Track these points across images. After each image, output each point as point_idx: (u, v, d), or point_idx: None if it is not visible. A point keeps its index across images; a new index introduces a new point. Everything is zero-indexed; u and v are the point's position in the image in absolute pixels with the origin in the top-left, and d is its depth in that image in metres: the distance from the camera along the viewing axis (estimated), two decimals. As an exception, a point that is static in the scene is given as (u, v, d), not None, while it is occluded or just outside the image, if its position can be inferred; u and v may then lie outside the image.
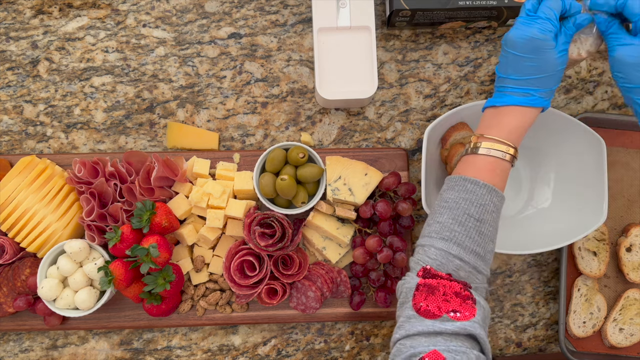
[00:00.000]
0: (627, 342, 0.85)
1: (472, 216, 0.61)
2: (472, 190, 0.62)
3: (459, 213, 0.61)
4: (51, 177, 0.82)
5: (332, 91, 0.83)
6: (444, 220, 0.62)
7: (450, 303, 0.57)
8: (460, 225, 0.61)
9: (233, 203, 0.81)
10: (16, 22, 0.91)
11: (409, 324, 0.58)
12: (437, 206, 0.64)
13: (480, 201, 0.61)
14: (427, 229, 0.64)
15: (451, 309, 0.57)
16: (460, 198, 0.62)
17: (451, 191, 0.63)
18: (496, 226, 0.63)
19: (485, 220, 0.61)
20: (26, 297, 0.81)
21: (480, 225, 0.61)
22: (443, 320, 0.56)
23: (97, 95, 0.90)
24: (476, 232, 0.61)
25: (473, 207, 0.61)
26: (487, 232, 0.62)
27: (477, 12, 0.84)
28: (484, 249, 0.61)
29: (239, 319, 0.85)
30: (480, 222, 0.61)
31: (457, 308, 0.57)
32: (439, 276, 0.59)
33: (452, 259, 0.60)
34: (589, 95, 0.92)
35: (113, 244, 0.75)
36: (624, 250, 0.86)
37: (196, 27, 0.91)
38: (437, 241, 0.61)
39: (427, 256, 0.61)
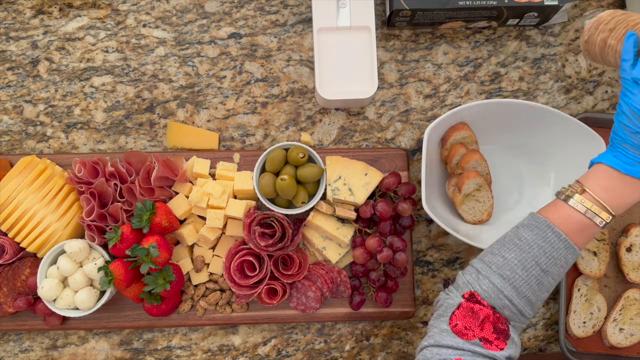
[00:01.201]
0: (627, 342, 0.85)
1: (539, 265, 0.59)
2: (551, 241, 0.59)
3: (527, 257, 0.59)
4: (51, 177, 0.82)
5: (332, 91, 0.83)
6: (510, 258, 0.60)
7: (484, 331, 0.58)
8: (524, 270, 0.59)
9: (233, 203, 0.81)
10: (16, 22, 0.91)
11: (441, 336, 0.59)
12: (509, 238, 0.62)
13: (554, 254, 0.59)
14: (489, 257, 0.62)
15: (484, 336, 0.58)
16: (535, 243, 0.60)
17: (530, 231, 0.61)
18: (559, 279, 0.62)
19: (551, 272, 0.60)
20: (26, 297, 0.81)
21: (544, 276, 0.60)
22: (474, 344, 0.57)
23: (97, 95, 0.90)
24: (537, 281, 0.59)
25: (544, 257, 0.59)
26: (547, 284, 0.60)
27: (477, 12, 0.84)
28: (537, 298, 0.60)
29: (239, 319, 0.85)
30: (544, 273, 0.59)
31: (490, 338, 0.58)
32: (483, 305, 0.59)
33: (502, 298, 0.59)
34: (589, 95, 0.92)
35: (113, 244, 0.75)
36: (624, 250, 0.86)
37: (196, 27, 0.91)
38: (495, 276, 0.60)
39: (479, 285, 0.60)
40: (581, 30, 0.77)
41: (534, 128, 0.83)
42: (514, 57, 0.92)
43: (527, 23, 0.90)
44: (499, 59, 0.92)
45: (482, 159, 0.82)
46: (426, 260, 0.89)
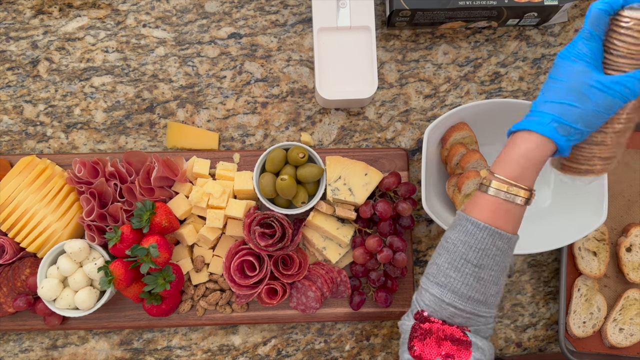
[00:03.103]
0: (627, 342, 0.85)
1: (469, 261, 0.57)
2: (472, 233, 0.57)
3: (456, 257, 0.58)
4: (51, 177, 0.82)
5: (332, 91, 0.83)
6: (441, 263, 0.59)
7: (443, 348, 0.56)
8: (456, 271, 0.57)
9: (233, 203, 0.81)
10: (16, 22, 0.91)
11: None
12: (440, 243, 0.61)
13: (480, 245, 0.57)
14: (427, 268, 0.61)
15: (445, 353, 0.56)
16: (459, 240, 0.58)
17: (453, 231, 0.59)
18: (501, 268, 0.59)
19: (486, 265, 0.57)
20: (26, 297, 0.81)
21: (479, 271, 0.57)
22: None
23: (97, 95, 0.90)
24: (474, 278, 0.57)
25: (471, 251, 0.57)
26: (487, 277, 0.58)
27: (477, 12, 0.84)
28: (484, 294, 0.58)
29: (239, 319, 0.85)
30: (479, 268, 0.57)
31: (451, 352, 0.56)
32: (431, 321, 0.58)
33: (446, 307, 0.57)
34: (589, 95, 0.92)
35: (113, 244, 0.75)
36: (624, 250, 0.86)
37: (196, 27, 0.91)
38: (432, 286, 0.59)
39: (422, 300, 0.59)
40: None
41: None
42: (514, 57, 0.92)
43: (527, 23, 0.90)
44: (499, 59, 0.92)
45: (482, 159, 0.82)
46: (426, 260, 0.89)
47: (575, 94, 0.55)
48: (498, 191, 0.57)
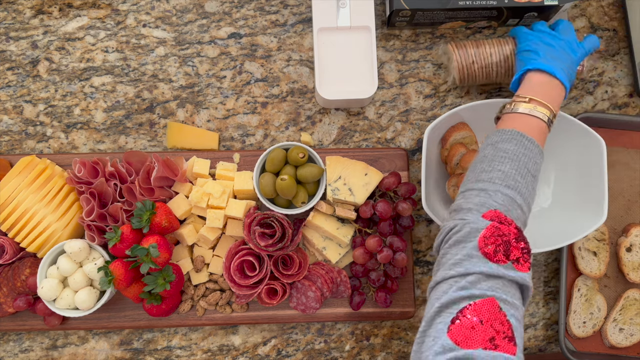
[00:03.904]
0: (627, 342, 0.85)
1: (530, 171, 0.62)
2: (529, 147, 0.63)
3: (520, 166, 0.62)
4: (51, 177, 0.82)
5: (332, 91, 0.83)
6: (507, 170, 0.62)
7: (515, 252, 0.56)
8: (523, 178, 0.62)
9: (233, 203, 0.81)
10: (16, 22, 0.91)
11: (470, 262, 0.55)
12: (491, 155, 0.64)
13: (535, 159, 0.63)
14: (484, 175, 0.62)
15: (516, 258, 0.56)
16: (521, 152, 0.63)
17: (509, 143, 0.64)
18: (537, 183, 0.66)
19: (537, 178, 0.64)
20: (26, 297, 0.81)
21: (534, 181, 0.63)
22: (507, 267, 0.55)
23: (97, 95, 0.90)
24: (532, 187, 0.63)
25: (531, 163, 0.63)
26: (535, 189, 0.64)
27: (477, 12, 0.84)
28: (532, 204, 0.63)
29: (239, 319, 0.85)
30: (534, 179, 0.63)
31: (520, 258, 0.56)
32: (508, 222, 0.58)
33: (516, 208, 0.60)
34: (589, 95, 0.92)
35: (113, 244, 0.75)
36: (624, 250, 0.86)
37: (196, 27, 0.91)
38: (503, 188, 0.60)
39: (494, 200, 0.59)
40: None
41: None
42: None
43: (527, 23, 0.90)
44: (499, 59, 0.92)
45: (482, 159, 0.82)
46: (426, 260, 0.89)
47: (570, 59, 0.74)
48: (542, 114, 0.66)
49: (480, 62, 0.83)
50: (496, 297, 0.52)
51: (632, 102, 0.92)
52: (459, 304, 0.52)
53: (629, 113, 0.92)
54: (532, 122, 0.66)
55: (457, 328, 0.51)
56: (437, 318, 0.53)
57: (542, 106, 0.67)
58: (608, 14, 0.93)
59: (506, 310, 0.52)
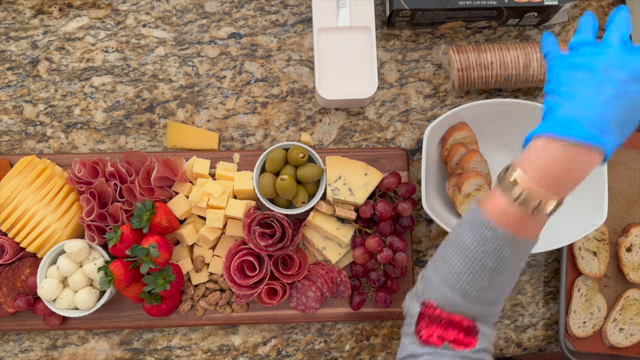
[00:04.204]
0: (627, 342, 0.85)
1: (485, 267, 0.53)
2: (490, 240, 0.52)
3: (471, 261, 0.53)
4: (51, 177, 0.82)
5: (332, 91, 0.83)
6: (455, 264, 0.54)
7: (450, 334, 0.54)
8: (471, 275, 0.53)
9: (233, 203, 0.81)
10: (16, 22, 0.91)
11: (413, 347, 0.55)
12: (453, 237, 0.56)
13: (498, 253, 0.52)
14: (437, 262, 0.57)
15: (452, 339, 0.54)
16: (475, 246, 0.53)
17: (469, 230, 0.54)
18: (517, 269, 0.55)
19: (502, 270, 0.53)
20: (26, 297, 0.81)
21: (496, 275, 0.53)
22: (444, 348, 0.54)
23: (97, 95, 0.90)
24: (489, 282, 0.53)
25: (489, 258, 0.53)
26: (503, 281, 0.54)
27: (477, 12, 0.84)
28: (497, 296, 0.55)
29: (239, 319, 0.85)
30: (496, 273, 0.53)
31: (458, 338, 0.54)
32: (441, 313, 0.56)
33: (455, 307, 0.54)
34: (589, 95, 0.92)
35: (113, 244, 0.75)
36: (624, 250, 0.86)
37: (196, 27, 0.91)
38: (443, 285, 0.55)
39: (431, 295, 0.56)
40: None
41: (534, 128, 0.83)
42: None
43: (527, 23, 0.90)
44: (499, 59, 0.92)
45: (482, 159, 0.82)
46: (426, 260, 0.89)
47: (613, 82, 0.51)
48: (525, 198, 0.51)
49: (481, 71, 0.84)
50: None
51: (632, 102, 0.92)
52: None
53: (629, 113, 0.92)
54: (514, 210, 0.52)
55: None
56: None
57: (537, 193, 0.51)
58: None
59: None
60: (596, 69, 0.51)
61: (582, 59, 0.52)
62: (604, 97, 0.49)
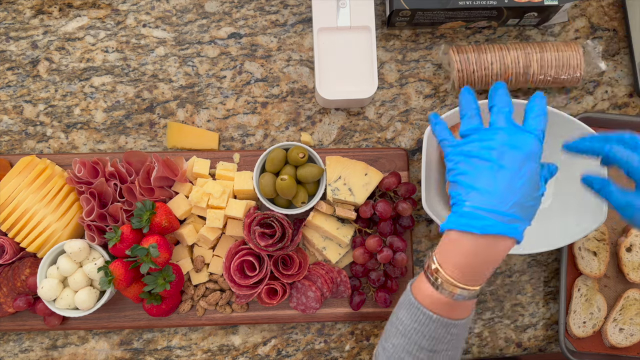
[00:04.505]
0: (627, 342, 0.85)
1: (423, 348, 0.56)
2: (425, 323, 0.56)
3: (409, 343, 0.57)
4: (51, 177, 0.82)
5: (332, 91, 0.83)
6: (397, 345, 0.58)
7: None
8: (410, 355, 0.57)
9: (233, 203, 0.81)
10: (16, 22, 0.91)
11: None
12: (394, 319, 0.60)
13: (434, 334, 0.56)
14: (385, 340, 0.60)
15: None
16: (412, 328, 0.57)
17: (406, 312, 0.58)
18: (457, 347, 0.58)
19: (439, 350, 0.57)
20: (26, 297, 0.81)
21: (434, 355, 0.57)
22: None
23: (97, 95, 0.90)
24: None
25: (425, 340, 0.56)
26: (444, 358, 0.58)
27: (477, 12, 0.84)
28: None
29: (239, 319, 0.85)
30: (433, 353, 0.57)
31: None
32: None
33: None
34: (589, 95, 0.92)
35: (113, 244, 0.75)
36: (624, 250, 0.86)
37: (196, 27, 0.91)
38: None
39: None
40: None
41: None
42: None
43: (527, 23, 0.90)
44: (499, 59, 0.92)
45: (482, 159, 0.82)
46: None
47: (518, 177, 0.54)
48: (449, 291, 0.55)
49: (481, 71, 0.84)
50: None
51: (632, 102, 0.92)
52: None
53: (629, 113, 0.92)
54: (440, 297, 0.55)
55: None
56: None
57: (455, 286, 0.54)
58: (608, 14, 0.93)
59: None
60: (490, 157, 0.53)
61: (475, 147, 0.55)
62: (504, 183, 0.51)
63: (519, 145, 0.53)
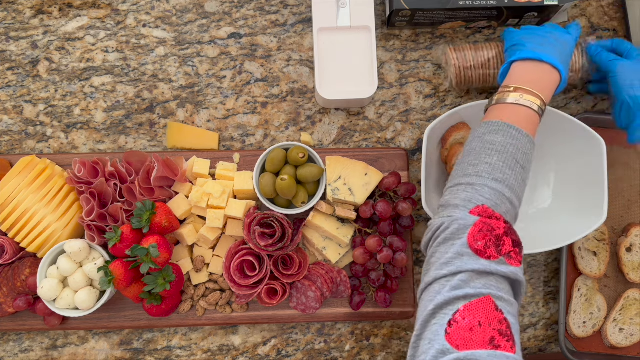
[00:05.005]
0: (627, 342, 0.85)
1: (519, 162, 0.61)
2: (517, 138, 0.61)
3: (508, 157, 0.60)
4: (51, 177, 0.82)
5: (332, 91, 0.83)
6: (495, 162, 0.60)
7: (506, 246, 0.55)
8: (511, 170, 0.60)
9: (233, 203, 0.81)
10: (16, 22, 0.91)
11: (461, 260, 0.54)
12: (478, 147, 0.62)
13: (524, 149, 0.61)
14: (471, 169, 0.61)
15: (507, 252, 0.55)
16: (508, 143, 0.61)
17: (496, 135, 0.62)
18: (530, 173, 0.64)
19: (527, 169, 0.62)
20: (26, 297, 0.81)
21: (524, 172, 0.61)
22: (499, 262, 0.54)
23: (97, 95, 0.90)
24: (522, 178, 0.61)
25: (519, 154, 0.61)
26: (526, 180, 0.62)
27: (477, 12, 0.84)
28: (523, 196, 0.62)
29: (239, 319, 0.85)
30: (524, 170, 0.61)
31: (511, 252, 0.55)
32: (496, 217, 0.57)
33: (505, 202, 0.58)
34: (589, 95, 0.92)
35: (113, 244, 0.75)
36: (624, 250, 0.86)
37: (196, 27, 0.91)
38: (490, 181, 0.59)
39: (482, 195, 0.58)
40: None
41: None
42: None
43: (527, 23, 0.90)
44: (499, 59, 0.92)
45: (482, 159, 0.82)
46: (426, 260, 0.89)
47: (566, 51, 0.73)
48: (526, 100, 0.64)
49: (479, 68, 0.83)
50: (492, 295, 0.51)
51: (632, 102, 0.92)
52: (454, 305, 0.51)
53: (629, 113, 0.92)
54: (520, 112, 0.64)
55: (454, 331, 0.50)
56: (432, 320, 0.52)
57: (529, 94, 0.65)
58: (608, 14, 0.93)
59: (503, 308, 0.51)
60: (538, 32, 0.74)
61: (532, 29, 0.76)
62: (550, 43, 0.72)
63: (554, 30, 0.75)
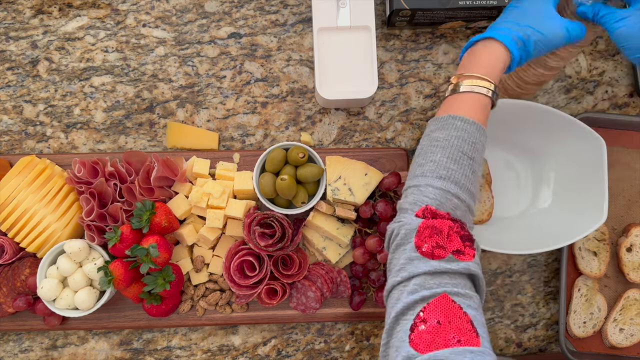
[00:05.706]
0: (627, 342, 0.85)
1: (465, 154, 0.59)
2: (463, 128, 0.60)
3: (453, 151, 0.59)
4: (51, 177, 0.82)
5: (332, 91, 0.83)
6: (438, 159, 0.59)
7: (453, 243, 0.55)
8: (456, 163, 0.59)
9: (233, 203, 0.81)
10: (16, 22, 0.91)
11: (412, 265, 0.55)
12: (426, 146, 0.62)
13: (472, 139, 0.60)
14: (418, 169, 0.61)
15: (455, 249, 0.55)
16: (452, 136, 0.60)
17: (441, 130, 0.61)
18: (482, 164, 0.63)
19: (476, 159, 0.60)
20: (26, 297, 0.81)
21: (473, 163, 0.60)
22: (449, 260, 0.54)
23: (97, 95, 0.90)
24: (470, 170, 0.59)
25: (466, 144, 0.59)
26: (477, 171, 0.60)
27: (477, 12, 0.84)
28: (475, 188, 0.60)
29: (239, 319, 0.85)
30: (472, 161, 0.60)
31: (461, 248, 0.55)
32: (441, 216, 0.57)
33: (450, 198, 0.57)
34: (589, 95, 0.92)
35: (113, 244, 0.75)
36: (624, 250, 0.86)
37: (196, 27, 0.91)
38: (434, 180, 0.58)
39: (425, 196, 0.58)
40: None
41: (534, 128, 0.83)
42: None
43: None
44: (499, 58, 0.91)
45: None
46: (426, 260, 0.89)
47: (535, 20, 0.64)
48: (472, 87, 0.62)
49: None
50: (447, 292, 0.52)
51: (632, 102, 0.92)
52: (414, 309, 0.52)
53: (629, 113, 0.92)
54: (464, 99, 0.62)
55: (417, 336, 0.50)
56: (396, 327, 0.53)
57: (467, 78, 0.62)
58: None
59: (460, 303, 0.52)
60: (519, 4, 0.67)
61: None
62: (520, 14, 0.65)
63: None
